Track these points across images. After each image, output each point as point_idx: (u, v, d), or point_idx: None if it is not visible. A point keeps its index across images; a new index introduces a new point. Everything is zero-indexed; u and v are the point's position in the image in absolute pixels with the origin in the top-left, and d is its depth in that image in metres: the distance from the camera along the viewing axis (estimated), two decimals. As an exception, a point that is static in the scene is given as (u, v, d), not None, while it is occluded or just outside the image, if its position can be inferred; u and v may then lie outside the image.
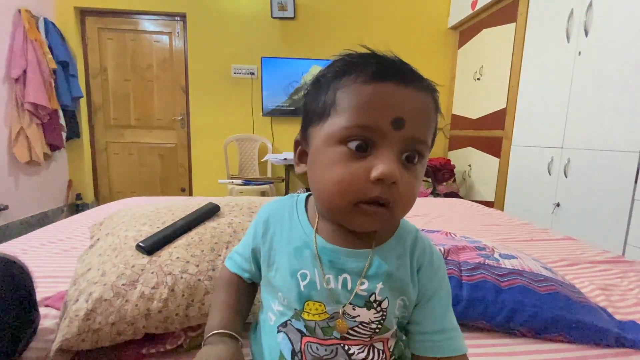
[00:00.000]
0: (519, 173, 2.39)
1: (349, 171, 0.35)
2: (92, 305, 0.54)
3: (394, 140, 0.35)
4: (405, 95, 0.36)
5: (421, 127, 0.36)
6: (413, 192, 0.37)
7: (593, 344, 0.64)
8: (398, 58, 0.38)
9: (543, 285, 0.70)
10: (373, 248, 0.41)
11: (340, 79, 0.37)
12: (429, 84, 0.38)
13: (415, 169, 0.37)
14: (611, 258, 1.08)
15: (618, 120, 1.66)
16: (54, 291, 0.75)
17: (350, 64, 0.37)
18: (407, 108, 0.35)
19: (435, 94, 0.39)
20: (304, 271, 0.40)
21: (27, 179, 2.84)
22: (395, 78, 0.35)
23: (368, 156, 0.35)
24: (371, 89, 0.35)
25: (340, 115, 0.36)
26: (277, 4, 3.15)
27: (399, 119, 0.35)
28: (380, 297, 0.40)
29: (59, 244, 1.08)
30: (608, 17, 1.74)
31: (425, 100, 0.37)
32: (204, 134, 3.38)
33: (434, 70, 3.48)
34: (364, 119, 0.35)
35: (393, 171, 0.34)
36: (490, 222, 1.49)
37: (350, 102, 0.36)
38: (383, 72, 0.36)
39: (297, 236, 0.43)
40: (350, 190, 0.35)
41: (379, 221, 0.37)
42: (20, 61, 2.63)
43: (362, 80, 0.36)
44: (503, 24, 2.64)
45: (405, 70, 0.37)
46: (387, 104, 0.35)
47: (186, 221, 0.74)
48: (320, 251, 0.41)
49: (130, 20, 3.28)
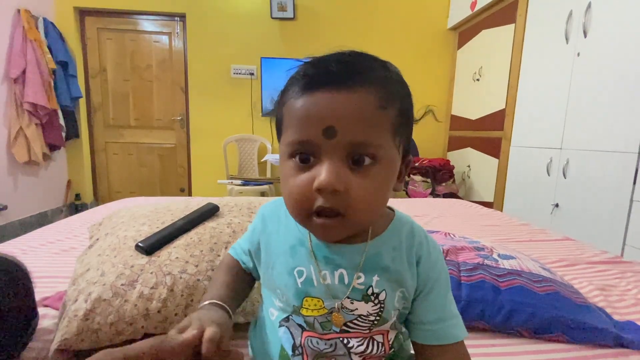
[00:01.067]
0: (518, 174, 2.39)
1: (296, 183, 0.36)
2: (91, 305, 0.54)
3: (332, 149, 0.35)
4: (334, 101, 0.35)
5: (358, 129, 0.34)
6: (368, 196, 0.36)
7: (591, 344, 0.64)
8: (338, 58, 0.37)
9: (542, 286, 0.70)
10: (368, 241, 0.41)
11: (283, 96, 0.39)
12: (371, 78, 0.36)
13: (368, 172, 0.35)
14: (610, 258, 1.08)
15: (617, 121, 1.67)
16: (53, 291, 0.75)
17: (291, 79, 0.38)
18: (338, 114, 0.34)
19: (384, 86, 0.36)
20: (300, 268, 0.41)
21: (26, 179, 2.83)
22: (325, 85, 0.35)
23: (313, 167, 0.36)
24: (301, 102, 0.36)
25: (286, 131, 0.38)
26: (276, 5, 3.15)
27: (328, 128, 0.34)
28: (377, 289, 0.40)
29: (58, 244, 1.08)
30: (607, 18, 1.74)
31: (362, 99, 0.35)
32: (203, 134, 3.38)
33: (433, 71, 3.49)
34: (299, 134, 0.36)
35: (330, 180, 0.33)
36: (489, 223, 1.49)
37: (288, 118, 0.37)
38: (312, 82, 0.36)
39: (292, 234, 0.43)
40: (300, 201, 0.36)
41: (335, 232, 0.37)
42: (20, 61, 2.63)
43: (295, 95, 0.37)
44: (502, 24, 2.64)
45: (337, 74, 0.35)
46: (316, 115, 0.35)
47: (185, 221, 0.74)
48: (314, 248, 0.41)
49: (130, 20, 3.28)
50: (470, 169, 3.08)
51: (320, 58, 0.38)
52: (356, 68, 0.36)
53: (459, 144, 3.28)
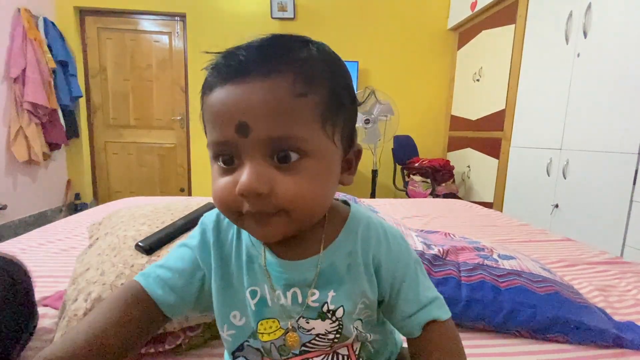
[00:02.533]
0: (518, 174, 2.39)
1: (220, 187, 0.33)
2: (91, 305, 0.54)
3: (250, 148, 0.31)
4: (243, 95, 0.30)
5: (274, 122, 0.30)
6: (301, 194, 0.31)
7: (591, 345, 0.64)
8: (249, 45, 0.33)
9: (542, 286, 0.70)
10: (321, 252, 0.37)
11: (202, 93, 0.36)
12: (285, 63, 0.31)
13: (297, 167, 0.31)
14: (609, 259, 1.08)
15: (617, 121, 1.67)
16: (52, 291, 0.75)
17: (207, 75, 0.35)
18: (249, 108, 0.30)
19: (302, 69, 0.31)
20: (253, 288, 0.38)
21: (25, 178, 2.83)
22: (232, 78, 0.31)
23: (236, 169, 0.32)
24: (213, 99, 0.33)
25: (207, 132, 0.35)
26: (277, 5, 3.15)
27: (240, 124, 0.30)
28: (332, 305, 0.37)
29: (57, 243, 1.08)
30: (607, 19, 1.74)
31: (272, 88, 0.30)
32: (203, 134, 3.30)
33: (434, 72, 3.49)
34: (214, 135, 0.33)
35: (250, 184, 0.30)
36: (489, 223, 1.49)
37: (205, 118, 0.35)
38: (221, 75, 0.32)
39: (244, 249, 0.39)
40: (226, 205, 0.33)
41: (273, 229, 0.33)
42: (20, 60, 2.63)
43: (207, 92, 0.34)
44: (502, 25, 2.64)
45: (245, 63, 0.31)
46: (227, 112, 0.31)
47: (185, 221, 0.73)
48: (268, 265, 0.37)
49: (130, 20, 3.28)
50: (470, 169, 3.08)
51: (233, 47, 0.34)
52: (268, 53, 0.32)
53: (459, 144, 3.29)
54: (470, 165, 3.09)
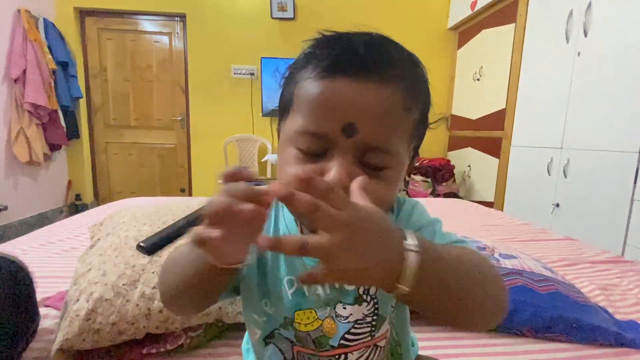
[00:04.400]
0: (519, 173, 2.39)
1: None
2: (93, 305, 0.54)
3: (348, 148, 0.31)
4: (359, 94, 0.30)
5: (381, 130, 0.31)
6: (381, 198, 0.31)
7: (593, 344, 0.64)
8: (367, 41, 0.32)
9: (543, 285, 0.70)
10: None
11: (298, 72, 0.34)
12: (399, 71, 0.32)
13: (378, 175, 0.32)
14: (611, 258, 1.08)
15: (617, 120, 1.66)
16: (54, 291, 0.75)
17: (310, 55, 0.33)
18: (362, 109, 0.30)
19: (412, 82, 0.32)
20: (290, 277, 0.37)
21: (26, 179, 2.83)
22: (350, 72, 0.30)
23: (320, 159, 0.32)
24: (320, 87, 0.31)
25: (295, 115, 0.34)
26: (276, 5, 3.15)
27: (349, 125, 0.30)
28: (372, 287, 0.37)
29: (58, 244, 1.08)
30: (607, 17, 1.74)
31: (389, 97, 0.31)
32: (203, 134, 3.38)
33: (434, 71, 3.40)
34: (313, 125, 0.32)
35: (341, 182, 0.30)
36: (490, 223, 1.49)
37: (302, 102, 0.33)
38: (336, 65, 0.31)
39: (282, 225, 0.39)
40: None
41: None
42: (20, 61, 2.63)
43: (315, 76, 0.32)
44: (502, 24, 2.64)
45: (366, 60, 0.30)
46: (337, 106, 0.30)
47: (187, 221, 0.73)
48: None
49: (130, 20, 3.28)
50: (471, 168, 3.08)
51: (346, 36, 0.33)
52: (386, 57, 0.31)
53: (460, 143, 3.28)
54: (470, 164, 3.08)
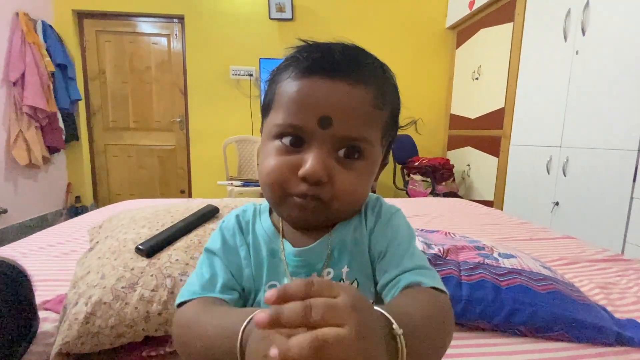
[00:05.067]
0: (518, 172, 2.39)
1: (279, 164, 0.35)
2: (92, 309, 0.54)
3: (324, 139, 0.34)
4: (334, 91, 0.34)
5: (354, 124, 0.34)
6: (352, 188, 0.36)
7: (593, 343, 0.64)
8: (343, 48, 0.36)
9: (542, 284, 0.70)
10: (330, 232, 0.39)
11: (280, 74, 0.38)
12: (370, 75, 0.35)
13: (353, 165, 0.36)
14: (610, 256, 1.08)
15: (616, 118, 1.67)
16: (53, 294, 0.75)
17: (292, 58, 0.37)
18: (337, 105, 0.34)
19: (381, 86, 0.36)
20: (272, 283, 0.39)
21: (26, 182, 2.83)
22: (326, 72, 0.34)
23: (300, 151, 0.35)
24: (300, 84, 0.35)
25: (276, 111, 0.37)
26: (275, 5, 3.15)
27: (325, 117, 0.33)
28: (348, 281, 0.38)
29: (58, 247, 1.08)
30: (605, 16, 1.74)
31: (361, 95, 0.34)
32: (202, 136, 3.38)
33: (432, 71, 3.49)
34: (293, 118, 0.35)
35: (317, 170, 0.33)
36: (489, 222, 1.49)
37: (283, 98, 0.36)
38: (314, 66, 0.34)
39: (263, 245, 0.40)
40: (279, 181, 0.35)
41: (311, 214, 0.35)
42: (19, 64, 2.63)
43: (294, 76, 0.35)
44: (500, 23, 2.64)
45: (340, 63, 0.34)
46: (314, 101, 0.34)
47: (185, 223, 0.74)
48: (287, 258, 0.39)
49: (129, 22, 3.28)
50: (470, 168, 3.08)
51: (324, 44, 0.37)
52: (359, 62, 0.36)
53: (459, 143, 3.28)
54: (470, 163, 3.09)
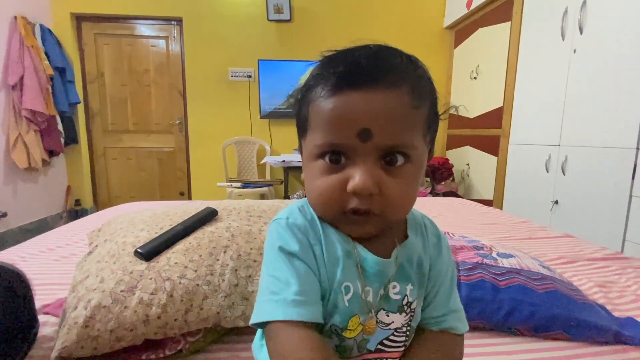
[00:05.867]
0: (517, 171, 2.39)
1: (327, 184, 0.35)
2: (91, 312, 0.54)
3: (367, 151, 0.34)
4: (368, 102, 0.33)
5: (394, 131, 0.34)
6: (402, 195, 0.35)
7: (591, 342, 0.64)
8: (367, 53, 0.35)
9: (541, 284, 0.71)
10: (397, 247, 0.40)
11: (309, 93, 0.37)
12: (402, 75, 0.34)
13: (401, 171, 0.35)
14: (609, 255, 1.08)
15: (614, 116, 1.67)
16: (53, 298, 0.75)
17: (318, 76, 0.36)
18: (373, 115, 0.33)
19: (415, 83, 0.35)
20: (347, 284, 0.37)
21: (25, 185, 2.83)
22: (357, 84, 0.33)
23: (345, 167, 0.35)
24: (333, 103, 0.34)
25: (313, 132, 0.36)
26: (273, 7, 3.15)
27: (364, 130, 0.33)
28: (411, 298, 0.40)
29: (57, 250, 1.08)
30: (602, 14, 1.74)
31: (395, 99, 0.33)
32: (202, 138, 3.39)
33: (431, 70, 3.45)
34: (331, 136, 0.34)
35: (365, 184, 0.33)
36: (489, 221, 1.49)
37: (317, 119, 0.35)
38: (343, 81, 0.34)
39: (337, 245, 0.38)
40: (331, 201, 0.35)
41: (370, 227, 0.36)
42: (17, 68, 2.63)
43: (325, 95, 0.35)
44: (498, 23, 2.64)
45: (369, 72, 0.33)
46: (350, 116, 0.33)
47: (184, 226, 0.74)
48: (364, 263, 0.38)
49: (127, 25, 3.28)
50: (470, 167, 3.08)
51: (347, 52, 0.36)
52: (387, 65, 0.34)
53: (458, 142, 3.29)
54: (469, 163, 3.09)
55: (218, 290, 0.62)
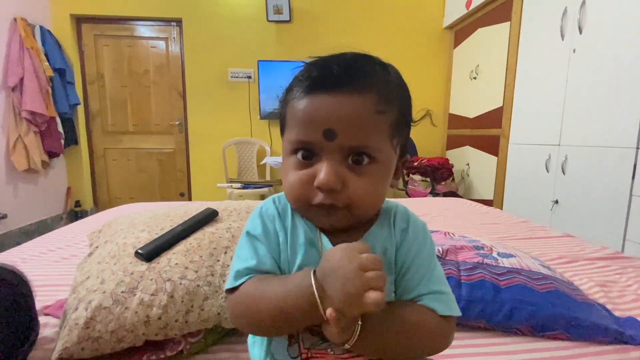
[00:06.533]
0: (517, 171, 2.39)
1: (297, 178, 0.38)
2: (92, 314, 0.54)
3: (333, 150, 0.37)
4: (335, 104, 0.36)
5: (358, 133, 0.36)
6: (367, 193, 0.38)
7: (592, 341, 0.64)
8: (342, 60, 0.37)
9: (542, 284, 0.71)
10: (363, 237, 0.41)
11: (288, 94, 0.41)
12: (370, 83, 0.37)
13: (365, 171, 0.38)
14: (610, 254, 1.08)
15: (614, 116, 1.67)
16: (53, 300, 0.75)
17: (295, 79, 0.40)
18: (339, 117, 0.36)
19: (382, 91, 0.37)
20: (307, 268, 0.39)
21: (25, 187, 2.83)
22: (326, 88, 0.36)
23: (314, 163, 0.38)
24: (304, 103, 0.37)
25: (289, 129, 0.40)
26: (272, 7, 3.16)
27: (328, 130, 0.36)
28: None
29: (58, 252, 1.08)
30: (601, 14, 1.74)
31: (361, 103, 0.36)
32: (202, 138, 3.39)
33: (430, 71, 3.49)
34: (302, 134, 0.38)
35: (329, 180, 0.36)
36: (489, 221, 1.49)
37: (292, 117, 0.39)
38: (314, 85, 0.37)
39: (302, 232, 0.41)
40: (300, 194, 0.39)
41: (335, 219, 0.38)
42: (17, 69, 2.63)
43: (299, 96, 0.38)
44: (498, 23, 2.65)
45: (339, 77, 0.36)
46: (317, 116, 0.36)
47: (184, 227, 0.74)
48: (324, 250, 0.40)
49: (127, 26, 3.28)
50: (470, 167, 3.08)
51: (324, 59, 0.39)
52: (357, 72, 0.37)
53: (458, 142, 3.29)
54: (469, 163, 3.09)
55: (219, 291, 0.62)
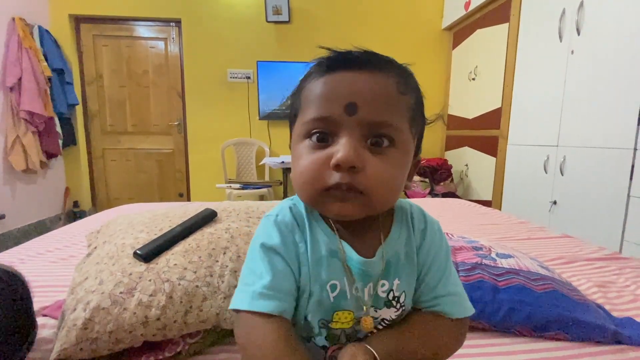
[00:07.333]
0: (516, 172, 2.40)
1: (310, 160, 0.36)
2: (90, 314, 0.54)
3: (352, 126, 0.35)
4: (357, 80, 0.35)
5: (379, 108, 0.35)
6: (386, 177, 0.35)
7: (590, 342, 0.64)
8: (362, 49, 0.38)
9: (540, 284, 0.71)
10: (383, 243, 0.40)
11: (305, 80, 0.39)
12: (389, 66, 0.37)
13: (385, 154, 0.35)
14: (608, 255, 1.08)
15: (612, 117, 1.67)
16: (51, 300, 0.74)
17: (312, 67, 0.39)
18: (360, 92, 0.35)
19: (401, 75, 0.37)
20: (333, 282, 0.38)
21: (23, 187, 2.82)
22: (347, 66, 0.36)
23: (329, 145, 0.36)
24: (324, 80, 0.36)
25: (303, 112, 0.38)
26: (271, 8, 3.16)
27: (350, 104, 0.34)
28: (397, 292, 0.40)
29: (56, 252, 1.08)
30: (599, 15, 1.75)
31: (383, 81, 0.36)
32: (201, 139, 3.38)
33: (429, 72, 3.50)
34: (319, 111, 0.36)
35: (349, 156, 0.33)
36: (487, 222, 1.50)
37: (309, 97, 0.37)
38: (335, 63, 0.36)
39: (323, 243, 0.39)
40: (313, 178, 0.35)
41: (352, 207, 0.35)
42: (15, 69, 2.62)
43: (317, 76, 0.37)
44: (496, 24, 2.65)
45: (360, 57, 0.36)
46: (338, 91, 0.35)
47: (183, 227, 0.74)
48: (348, 261, 0.39)
49: (125, 26, 3.28)
50: (468, 168, 3.08)
51: (335, 50, 0.39)
52: (376, 55, 0.37)
53: (457, 143, 3.29)
54: (468, 163, 3.09)
55: (217, 292, 0.62)
